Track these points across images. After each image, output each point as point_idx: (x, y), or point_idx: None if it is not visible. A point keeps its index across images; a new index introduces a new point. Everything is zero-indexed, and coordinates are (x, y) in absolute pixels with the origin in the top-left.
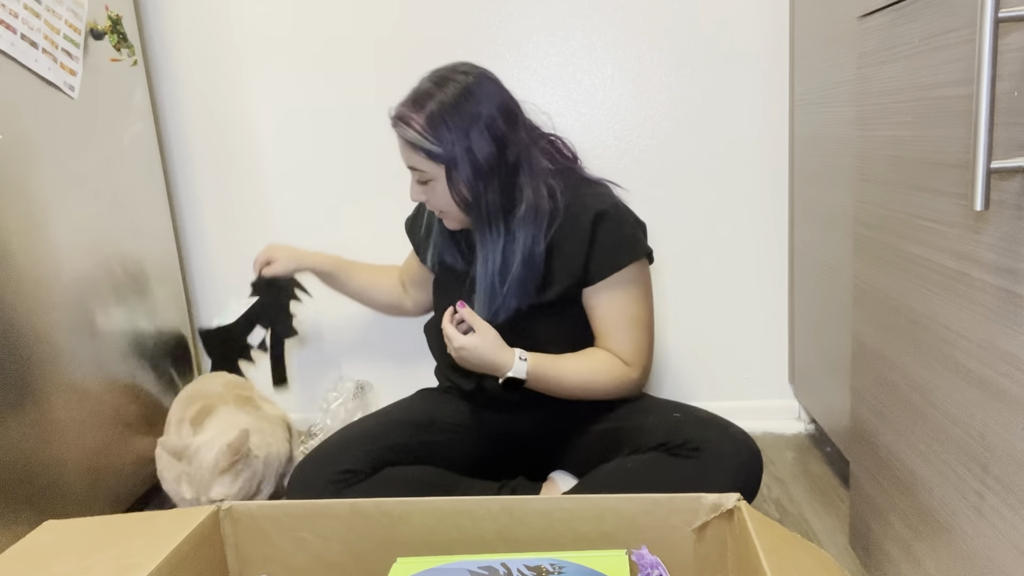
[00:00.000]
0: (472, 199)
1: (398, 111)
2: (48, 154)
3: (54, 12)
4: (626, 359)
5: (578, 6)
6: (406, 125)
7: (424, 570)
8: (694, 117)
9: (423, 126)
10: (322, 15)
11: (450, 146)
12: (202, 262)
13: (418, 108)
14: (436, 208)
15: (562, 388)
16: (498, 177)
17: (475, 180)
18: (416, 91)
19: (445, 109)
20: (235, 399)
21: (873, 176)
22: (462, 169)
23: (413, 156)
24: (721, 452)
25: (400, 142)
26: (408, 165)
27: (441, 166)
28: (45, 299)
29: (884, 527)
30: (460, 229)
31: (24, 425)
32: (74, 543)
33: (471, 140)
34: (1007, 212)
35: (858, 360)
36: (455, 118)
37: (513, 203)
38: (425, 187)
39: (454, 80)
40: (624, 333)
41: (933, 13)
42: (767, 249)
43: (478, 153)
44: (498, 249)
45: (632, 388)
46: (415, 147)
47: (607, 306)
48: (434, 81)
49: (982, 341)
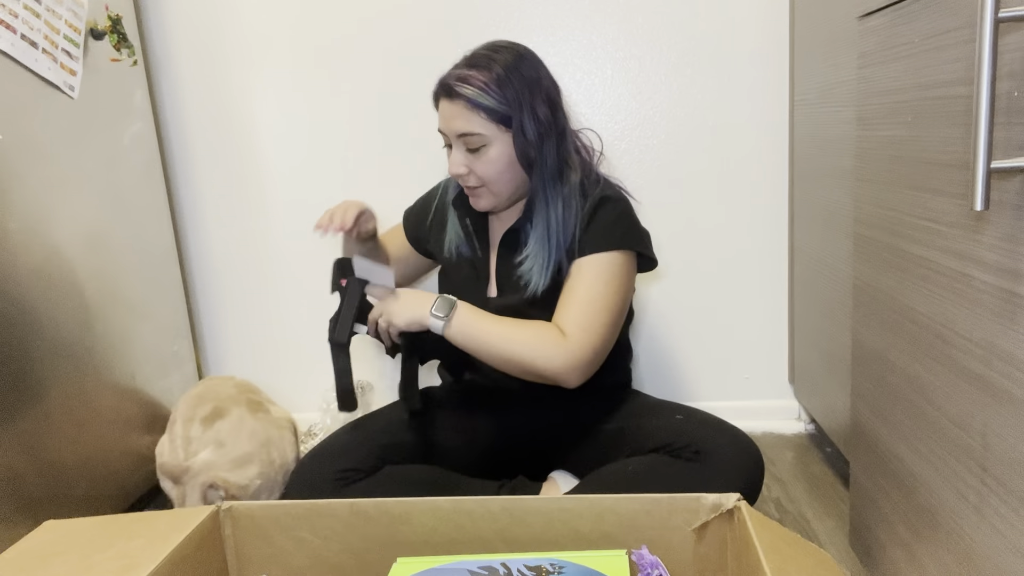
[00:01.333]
0: (538, 159)
1: (454, 73)
2: (48, 154)
3: (54, 12)
4: (566, 329)
5: (578, 6)
6: (470, 85)
7: (424, 570)
8: (694, 117)
9: (488, 84)
10: (322, 15)
11: (517, 104)
12: (202, 261)
13: (480, 68)
14: (481, 179)
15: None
16: (554, 139)
17: (539, 138)
18: (472, 56)
19: (509, 69)
20: (247, 403)
21: (873, 176)
22: (528, 129)
23: (472, 117)
24: (723, 456)
25: (452, 107)
26: (459, 132)
27: (501, 127)
28: (45, 298)
29: (884, 527)
30: (485, 212)
31: (24, 425)
32: (74, 543)
33: (534, 100)
34: (1007, 212)
35: (858, 360)
36: (518, 78)
37: (565, 167)
38: (474, 155)
39: (507, 47)
40: (575, 307)
41: (933, 13)
42: (767, 249)
43: (540, 113)
44: (558, 210)
45: (562, 358)
46: (476, 107)
47: (572, 280)
48: (488, 48)
49: (982, 341)
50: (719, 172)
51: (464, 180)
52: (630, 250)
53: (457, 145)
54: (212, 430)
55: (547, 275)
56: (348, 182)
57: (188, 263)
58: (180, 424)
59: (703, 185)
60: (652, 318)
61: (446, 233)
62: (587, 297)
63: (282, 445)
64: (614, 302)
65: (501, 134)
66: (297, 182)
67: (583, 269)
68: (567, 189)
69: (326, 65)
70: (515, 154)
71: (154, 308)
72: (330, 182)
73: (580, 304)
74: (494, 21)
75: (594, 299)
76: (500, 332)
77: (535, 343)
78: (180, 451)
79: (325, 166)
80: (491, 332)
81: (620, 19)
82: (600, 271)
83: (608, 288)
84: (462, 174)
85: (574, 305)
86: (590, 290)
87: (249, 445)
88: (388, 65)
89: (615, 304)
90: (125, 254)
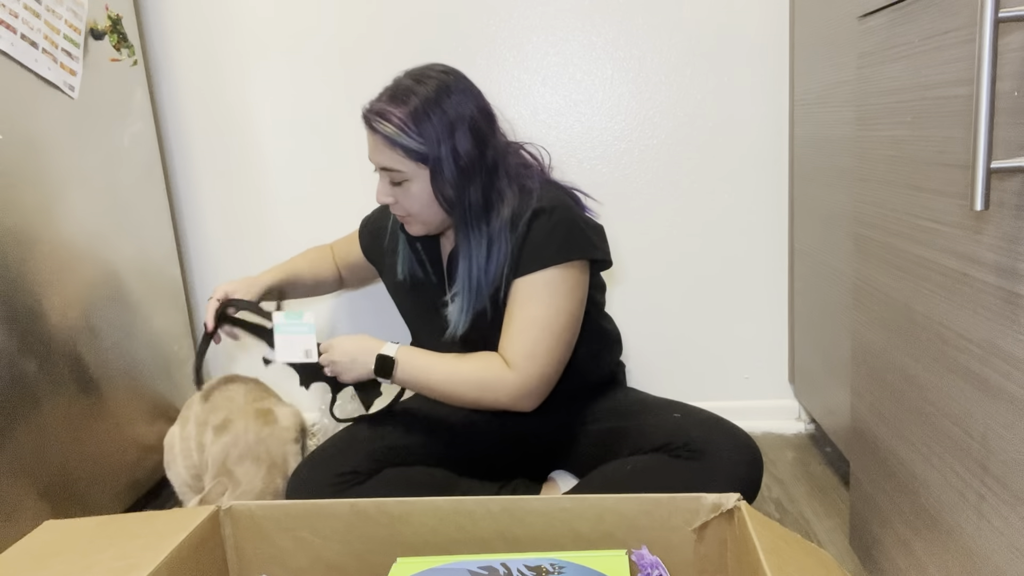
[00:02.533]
0: (456, 198)
1: (375, 106)
2: (48, 154)
3: (54, 12)
4: (508, 359)
5: (578, 6)
6: (385, 121)
7: (424, 570)
8: (694, 117)
9: (405, 122)
10: (322, 15)
11: (435, 143)
12: (202, 261)
13: (399, 103)
14: (406, 211)
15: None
16: (480, 176)
17: (459, 178)
18: (395, 87)
19: (429, 104)
20: (255, 413)
21: (873, 176)
22: (447, 166)
23: (390, 154)
24: (723, 455)
25: (374, 140)
26: (381, 166)
27: (420, 164)
28: (45, 298)
29: (884, 527)
30: (422, 236)
31: (24, 425)
32: (74, 543)
33: (455, 137)
34: (1007, 212)
35: (858, 360)
36: (438, 113)
37: (492, 204)
38: (398, 188)
39: (434, 77)
40: (515, 335)
41: (933, 13)
42: (767, 249)
43: (461, 150)
44: (482, 250)
45: (508, 392)
46: (394, 144)
47: (512, 302)
48: (413, 78)
49: (982, 341)
50: (719, 172)
51: (393, 209)
52: (569, 261)
53: (381, 175)
54: (220, 444)
55: (466, 319)
56: (348, 181)
57: (188, 263)
58: (194, 425)
59: (703, 185)
60: (652, 318)
61: (399, 256)
62: (526, 322)
63: (286, 465)
64: (556, 322)
65: (420, 171)
66: (297, 182)
67: (519, 292)
68: (496, 225)
69: (326, 65)
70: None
71: (154, 308)
72: (330, 182)
73: (520, 331)
74: (494, 21)
75: (533, 322)
76: (444, 374)
77: (479, 379)
78: (194, 454)
79: (325, 166)
80: (434, 376)
81: (620, 19)
82: (536, 292)
83: (548, 310)
84: (388, 203)
85: (514, 333)
86: (529, 314)
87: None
88: (388, 65)
89: (558, 324)
90: (125, 254)
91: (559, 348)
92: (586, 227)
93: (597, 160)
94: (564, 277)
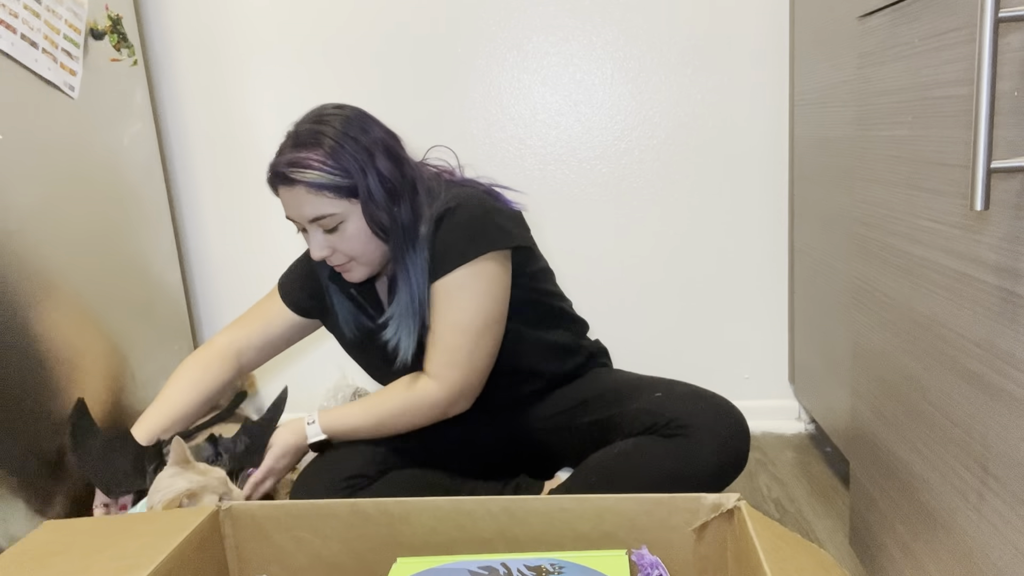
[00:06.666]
0: (390, 222)
1: (285, 159)
2: (48, 154)
3: (54, 12)
4: (429, 371)
5: (578, 6)
6: (303, 168)
7: (424, 570)
8: (694, 117)
9: (323, 161)
10: (323, 15)
11: (359, 172)
12: (202, 262)
13: (310, 147)
14: (347, 255)
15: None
16: (406, 194)
17: (389, 201)
18: (296, 135)
19: (340, 139)
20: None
21: (873, 176)
22: (376, 192)
23: (317, 201)
24: (705, 425)
25: (293, 194)
26: (309, 218)
27: (350, 200)
28: (45, 299)
29: (884, 527)
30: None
31: (24, 425)
32: (74, 543)
33: (376, 161)
34: (1007, 212)
35: (858, 360)
36: (351, 143)
37: (420, 218)
38: (333, 235)
39: (332, 114)
40: (436, 342)
41: (933, 13)
42: (767, 249)
43: (385, 172)
44: (418, 268)
45: (435, 405)
46: (320, 188)
47: (432, 309)
48: (311, 122)
49: (982, 341)
50: (719, 172)
51: (331, 260)
52: (479, 256)
53: (312, 229)
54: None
55: (415, 338)
56: None
57: (188, 263)
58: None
59: (703, 185)
60: (652, 317)
61: (338, 314)
62: (444, 330)
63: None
64: (474, 324)
65: (353, 207)
66: None
67: (436, 298)
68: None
69: (326, 64)
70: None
71: (154, 308)
72: None
73: (438, 340)
74: (494, 21)
75: (452, 329)
76: (369, 417)
77: (403, 407)
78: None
79: None
80: (361, 422)
81: (620, 19)
82: (450, 296)
83: (464, 313)
84: (327, 256)
85: (434, 343)
86: (447, 320)
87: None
88: (389, 65)
89: (475, 325)
90: (125, 254)
91: (480, 350)
92: (498, 216)
93: (597, 160)
94: (477, 274)
